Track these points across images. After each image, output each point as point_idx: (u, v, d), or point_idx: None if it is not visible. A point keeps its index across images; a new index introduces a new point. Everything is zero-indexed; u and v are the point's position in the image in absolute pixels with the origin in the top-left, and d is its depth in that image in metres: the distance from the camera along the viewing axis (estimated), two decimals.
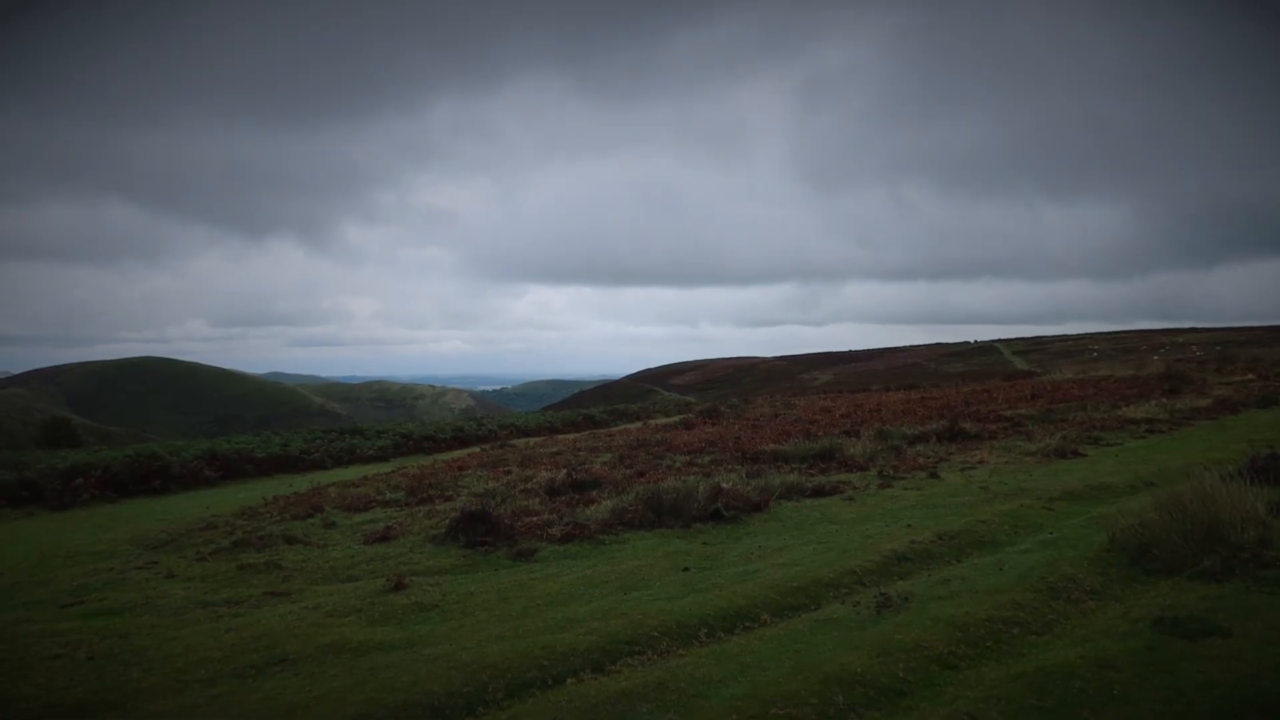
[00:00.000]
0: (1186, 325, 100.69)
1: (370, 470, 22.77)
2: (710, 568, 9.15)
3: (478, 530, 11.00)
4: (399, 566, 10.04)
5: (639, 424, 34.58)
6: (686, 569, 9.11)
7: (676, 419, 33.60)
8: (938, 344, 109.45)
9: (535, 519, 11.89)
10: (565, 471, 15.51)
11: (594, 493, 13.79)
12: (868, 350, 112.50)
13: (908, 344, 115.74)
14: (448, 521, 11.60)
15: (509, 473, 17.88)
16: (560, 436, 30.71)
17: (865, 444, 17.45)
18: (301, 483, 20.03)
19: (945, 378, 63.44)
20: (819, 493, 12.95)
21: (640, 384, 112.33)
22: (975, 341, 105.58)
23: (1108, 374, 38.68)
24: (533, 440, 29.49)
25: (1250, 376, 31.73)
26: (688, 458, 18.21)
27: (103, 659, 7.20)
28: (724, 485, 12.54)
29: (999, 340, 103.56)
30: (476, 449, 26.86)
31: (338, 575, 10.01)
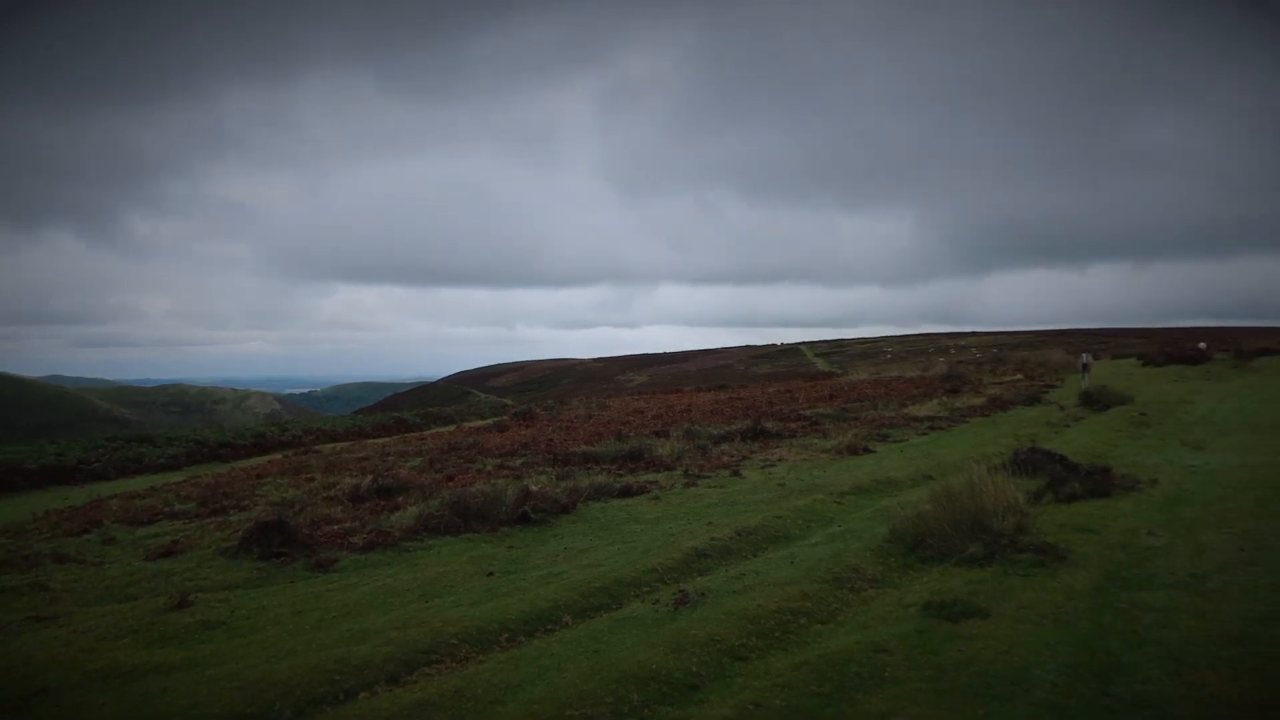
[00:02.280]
0: (967, 329, 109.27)
1: (160, 480, 21.27)
2: (515, 571, 9.11)
3: (273, 541, 10.47)
4: (184, 583, 9.41)
5: (453, 427, 34.01)
6: (491, 574, 9.04)
7: (491, 421, 33.27)
8: (747, 346, 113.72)
9: (337, 527, 11.46)
10: (371, 477, 15.03)
11: (401, 498, 13.44)
12: (682, 352, 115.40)
13: (719, 346, 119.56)
14: (241, 533, 10.98)
15: (312, 480, 17.15)
16: (370, 441, 29.74)
17: (674, 444, 17.89)
18: (79, 495, 18.45)
19: (754, 378, 66.03)
20: (627, 493, 13.16)
21: (457, 386, 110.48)
22: (782, 344, 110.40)
23: (898, 374, 41.42)
24: (340, 445, 28.41)
25: (1019, 376, 34.82)
26: (499, 461, 18.07)
27: None
28: (533, 488, 12.53)
29: (803, 343, 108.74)
30: (279, 455, 25.60)
31: (114, 595, 9.26)
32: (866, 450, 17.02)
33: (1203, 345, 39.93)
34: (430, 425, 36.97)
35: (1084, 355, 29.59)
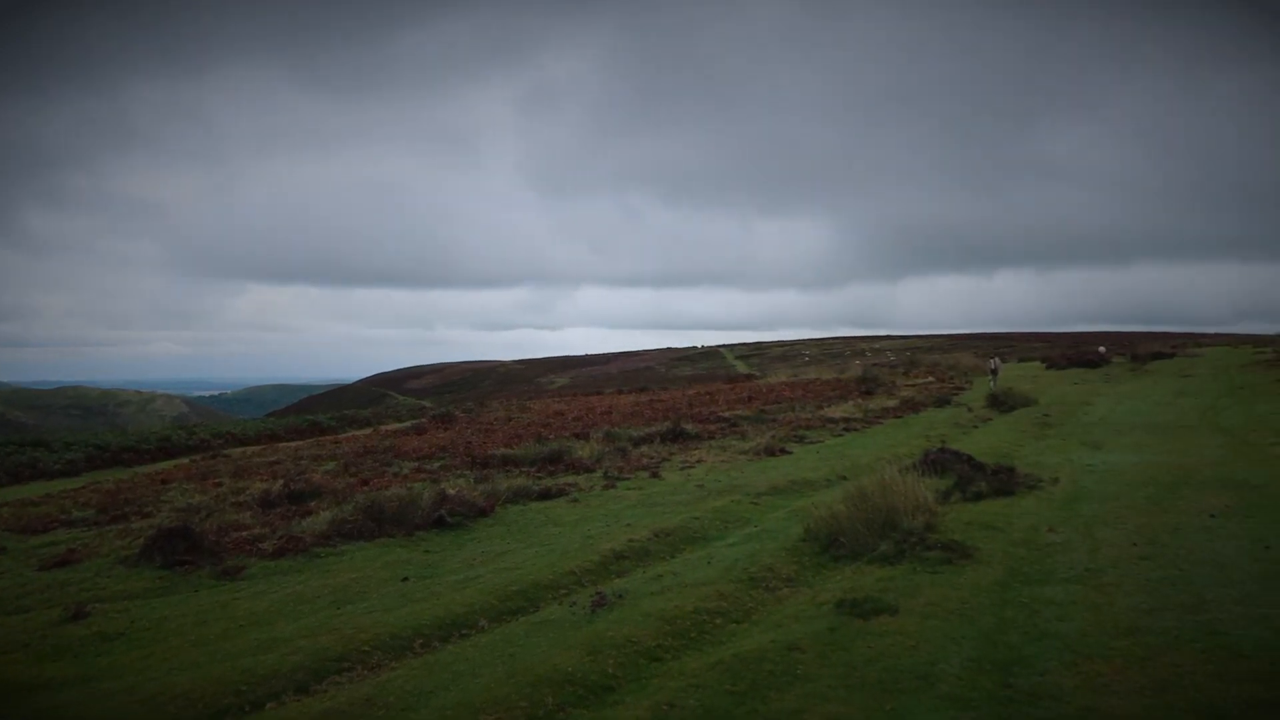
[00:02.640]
0: (882, 333, 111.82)
1: (56, 486, 20.35)
2: (431, 576, 8.99)
3: (178, 549, 10.11)
4: (81, 593, 9.02)
5: (369, 430, 33.36)
6: (406, 579, 8.89)
7: (409, 424, 32.75)
8: (668, 348, 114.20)
9: (245, 534, 11.13)
10: (283, 482, 14.66)
11: (313, 503, 13.12)
12: (603, 354, 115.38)
13: (641, 348, 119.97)
14: (143, 540, 10.58)
15: (220, 485, 16.64)
16: (283, 445, 28.98)
17: (594, 446, 17.88)
18: None
19: (674, 381, 66.40)
20: (546, 495, 13.10)
21: (374, 388, 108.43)
22: (702, 346, 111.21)
23: (816, 377, 42.17)
24: (251, 449, 27.62)
25: (930, 379, 35.79)
26: (416, 464, 17.80)
27: None
28: (450, 491, 12.38)
29: (724, 345, 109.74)
30: (186, 460, 24.77)
31: (4, 607, 8.82)
32: (784, 451, 17.28)
33: (1102, 349, 41.63)
34: (346, 428, 36.20)
35: (993, 360, 30.54)
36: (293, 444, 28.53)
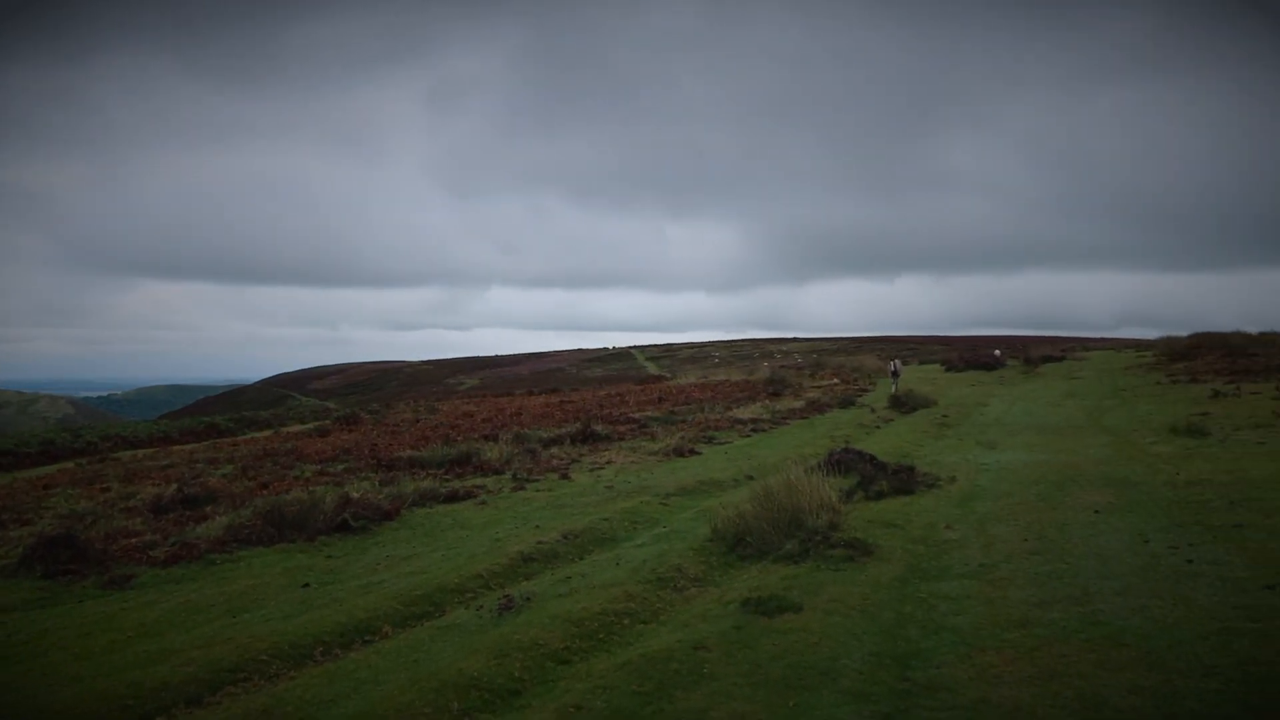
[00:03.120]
0: (790, 335, 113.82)
1: None
2: (333, 582, 8.77)
3: (60, 557, 9.63)
4: None
5: (270, 432, 32.39)
6: (307, 585, 8.66)
7: (312, 426, 31.90)
8: (579, 349, 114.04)
9: (135, 541, 10.67)
10: (176, 486, 14.12)
11: (209, 508, 12.66)
12: (514, 355, 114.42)
13: (552, 349, 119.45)
14: (22, 549, 10.05)
15: (108, 490, 15.92)
16: (177, 447, 27.89)
17: (503, 448, 17.71)
18: None
19: (585, 382, 66.32)
20: (453, 498, 12.92)
21: (276, 389, 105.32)
22: (613, 347, 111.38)
23: (725, 378, 42.67)
24: (143, 452, 26.52)
25: (835, 381, 36.59)
26: (319, 467, 17.35)
27: None
28: (354, 495, 12.10)
29: (635, 346, 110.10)
30: (71, 464, 23.61)
31: None
32: (693, 452, 17.42)
33: (997, 352, 43.22)
34: (245, 430, 35.06)
35: (894, 362, 31.34)
36: (188, 447, 27.49)
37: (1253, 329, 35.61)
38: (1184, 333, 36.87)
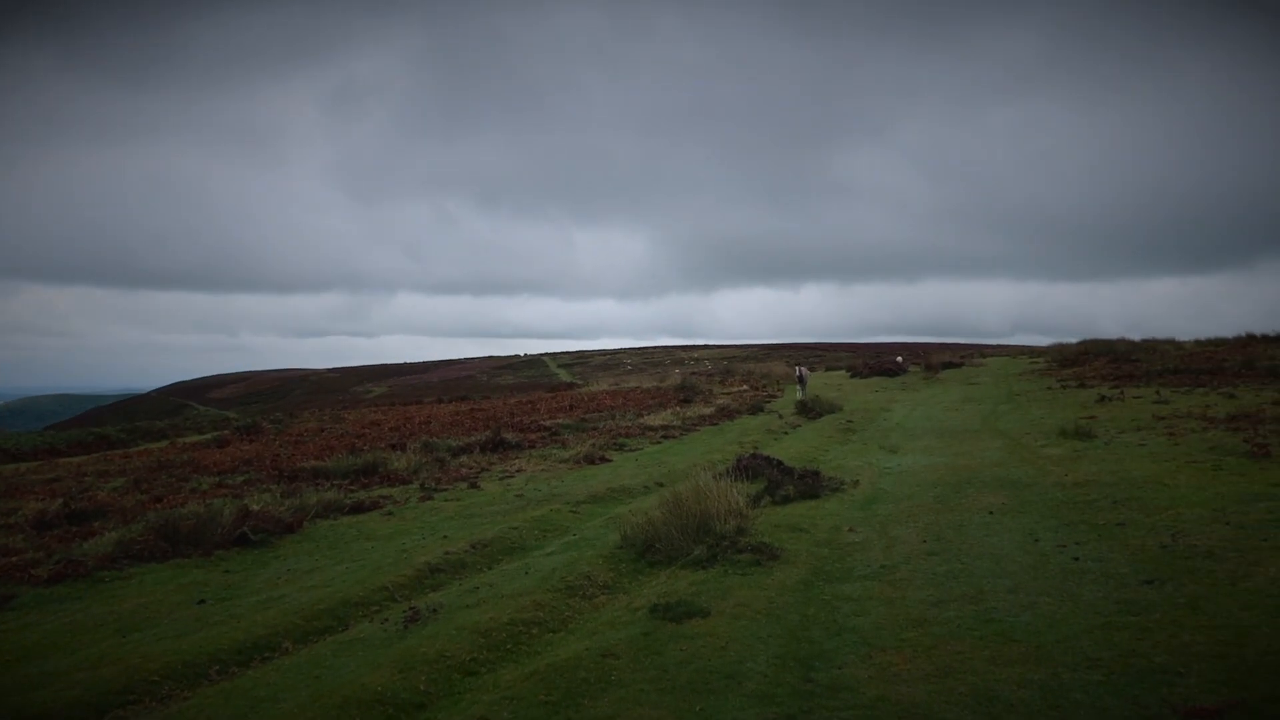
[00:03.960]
0: (700, 342, 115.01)
1: None
2: (231, 597, 8.49)
3: None
4: None
5: (166, 443, 31.16)
6: (203, 601, 8.36)
7: (210, 436, 30.82)
8: (490, 357, 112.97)
9: (15, 559, 10.13)
10: (62, 501, 13.47)
11: (97, 524, 12.12)
12: (423, 362, 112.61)
13: (463, 356, 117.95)
14: None
15: None
16: (63, 460, 26.58)
17: (410, 457, 17.42)
18: None
19: (497, 389, 65.74)
20: (358, 509, 12.65)
21: (173, 398, 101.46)
22: (525, 355, 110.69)
23: (637, 385, 42.86)
24: (26, 466, 25.19)
25: (745, 388, 37.10)
26: (217, 479, 16.78)
27: None
28: (254, 507, 11.74)
29: (547, 353, 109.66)
30: None
31: None
32: (603, 459, 17.44)
33: (899, 359, 44.46)
34: (139, 441, 33.64)
35: (799, 369, 31.86)
36: (75, 459, 26.24)
37: (1136, 336, 37.50)
38: (1074, 339, 38.58)
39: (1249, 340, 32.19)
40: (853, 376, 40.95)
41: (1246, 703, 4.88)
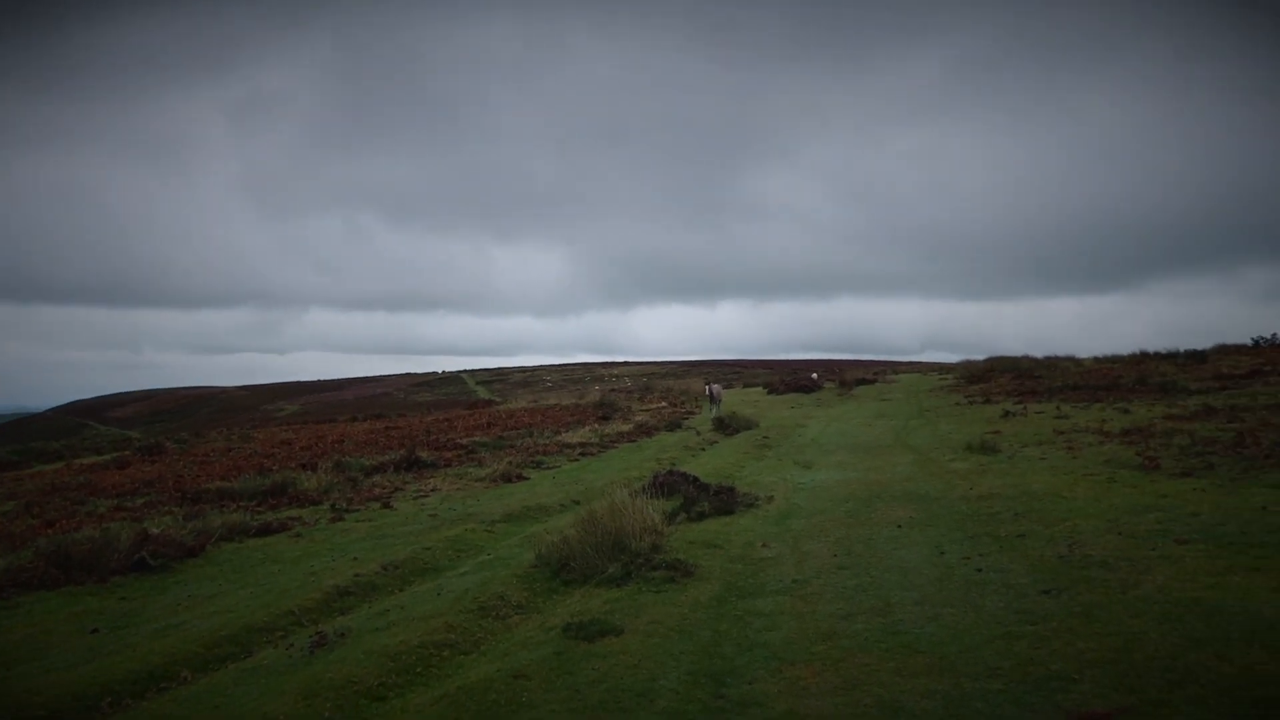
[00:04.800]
0: (620, 359, 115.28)
1: None
2: (126, 625, 8.15)
3: None
4: None
5: (61, 464, 29.77)
6: (96, 630, 8.01)
7: (110, 457, 29.59)
8: (408, 374, 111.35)
9: None
10: None
11: None
12: (337, 380, 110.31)
13: (379, 374, 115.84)
14: None
15: None
16: None
17: (322, 477, 17.02)
18: None
19: (414, 407, 64.73)
20: (266, 531, 12.29)
21: (71, 418, 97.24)
22: (443, 372, 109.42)
23: (556, 402, 42.71)
24: None
25: (664, 404, 37.34)
26: (116, 501, 16.12)
27: None
28: (154, 530, 11.30)
29: (465, 370, 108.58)
30: None
31: None
32: (520, 478, 17.31)
33: (815, 375, 45.31)
34: (31, 463, 32.08)
35: (711, 386, 32.03)
36: None
37: (1039, 353, 38.95)
38: (981, 356, 39.90)
39: (1142, 357, 33.72)
40: (770, 393, 41.53)
41: (1135, 707, 5.08)
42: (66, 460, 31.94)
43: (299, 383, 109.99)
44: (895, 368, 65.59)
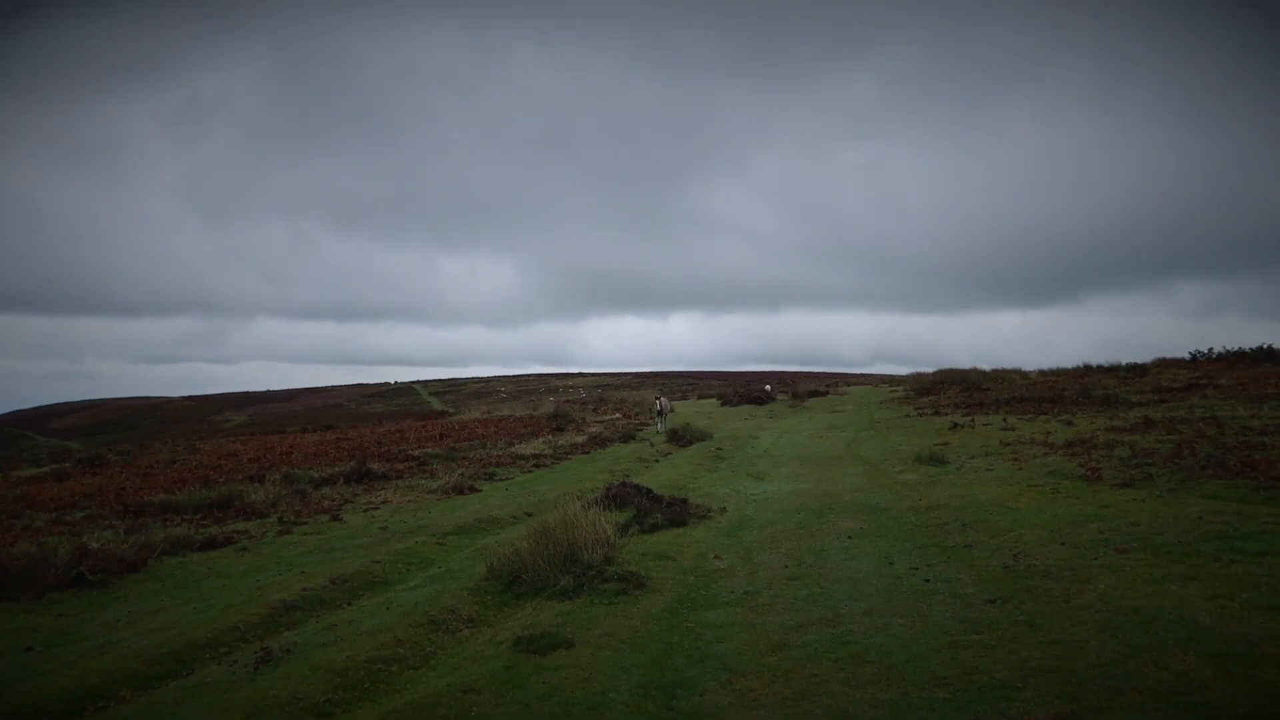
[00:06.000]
0: (575, 370, 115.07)
1: None
2: (63, 643, 7.92)
3: None
4: None
5: None
6: (30, 648, 7.78)
7: (48, 469, 28.79)
8: (359, 384, 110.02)
9: None
10: None
11: None
12: (287, 390, 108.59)
13: (330, 384, 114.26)
14: None
15: None
16: None
17: (269, 489, 16.73)
18: None
19: (366, 418, 63.96)
20: (211, 545, 12.04)
21: (8, 428, 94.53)
22: (396, 382, 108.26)
23: (510, 414, 42.44)
24: None
25: (618, 416, 37.30)
26: (54, 515, 15.68)
27: None
28: (93, 545, 11.03)
29: (418, 381, 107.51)
30: None
31: None
32: (472, 489, 17.18)
33: (768, 388, 45.63)
34: None
35: (659, 400, 31.89)
36: None
37: (985, 366, 39.68)
38: (929, 369, 40.50)
39: (1086, 370, 34.50)
40: (723, 405, 41.73)
41: (1077, 714, 5.18)
42: (3, 473, 30.99)
43: (247, 393, 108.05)
44: (847, 379, 66.35)
